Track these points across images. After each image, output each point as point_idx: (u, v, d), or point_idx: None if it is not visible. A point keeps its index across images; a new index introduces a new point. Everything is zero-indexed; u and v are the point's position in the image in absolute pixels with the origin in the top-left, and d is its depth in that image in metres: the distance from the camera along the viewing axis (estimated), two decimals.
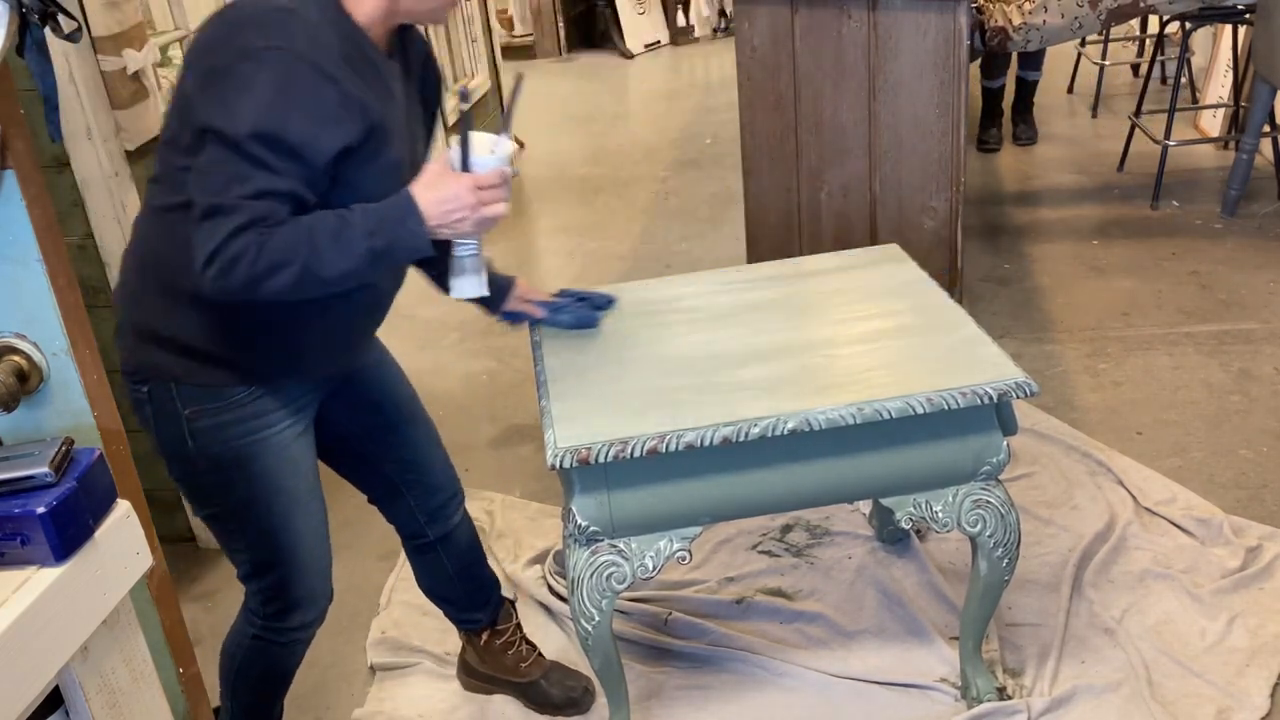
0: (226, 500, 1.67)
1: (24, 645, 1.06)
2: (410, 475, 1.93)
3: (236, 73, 1.38)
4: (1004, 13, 3.73)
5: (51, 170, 2.31)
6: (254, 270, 1.39)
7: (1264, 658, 2.09)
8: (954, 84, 3.02)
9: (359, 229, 1.44)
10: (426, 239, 1.48)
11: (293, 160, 1.40)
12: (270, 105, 1.37)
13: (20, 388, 1.30)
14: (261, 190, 1.39)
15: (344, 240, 1.42)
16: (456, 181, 1.48)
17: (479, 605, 2.12)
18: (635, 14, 7.80)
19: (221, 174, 1.39)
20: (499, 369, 3.44)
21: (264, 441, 1.64)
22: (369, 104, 1.46)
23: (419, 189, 1.48)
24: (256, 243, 1.38)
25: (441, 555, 2.03)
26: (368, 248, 1.44)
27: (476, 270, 1.60)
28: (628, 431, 1.69)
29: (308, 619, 1.81)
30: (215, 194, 1.39)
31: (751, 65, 3.20)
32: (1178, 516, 2.48)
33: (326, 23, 1.45)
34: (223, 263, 1.38)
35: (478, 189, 1.48)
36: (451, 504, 2.01)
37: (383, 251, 1.45)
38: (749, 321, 2.00)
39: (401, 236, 1.46)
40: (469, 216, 1.48)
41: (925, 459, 1.80)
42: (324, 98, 1.41)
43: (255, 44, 1.39)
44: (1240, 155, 4.00)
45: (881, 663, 2.17)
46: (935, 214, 3.18)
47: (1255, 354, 3.14)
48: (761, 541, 2.56)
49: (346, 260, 1.43)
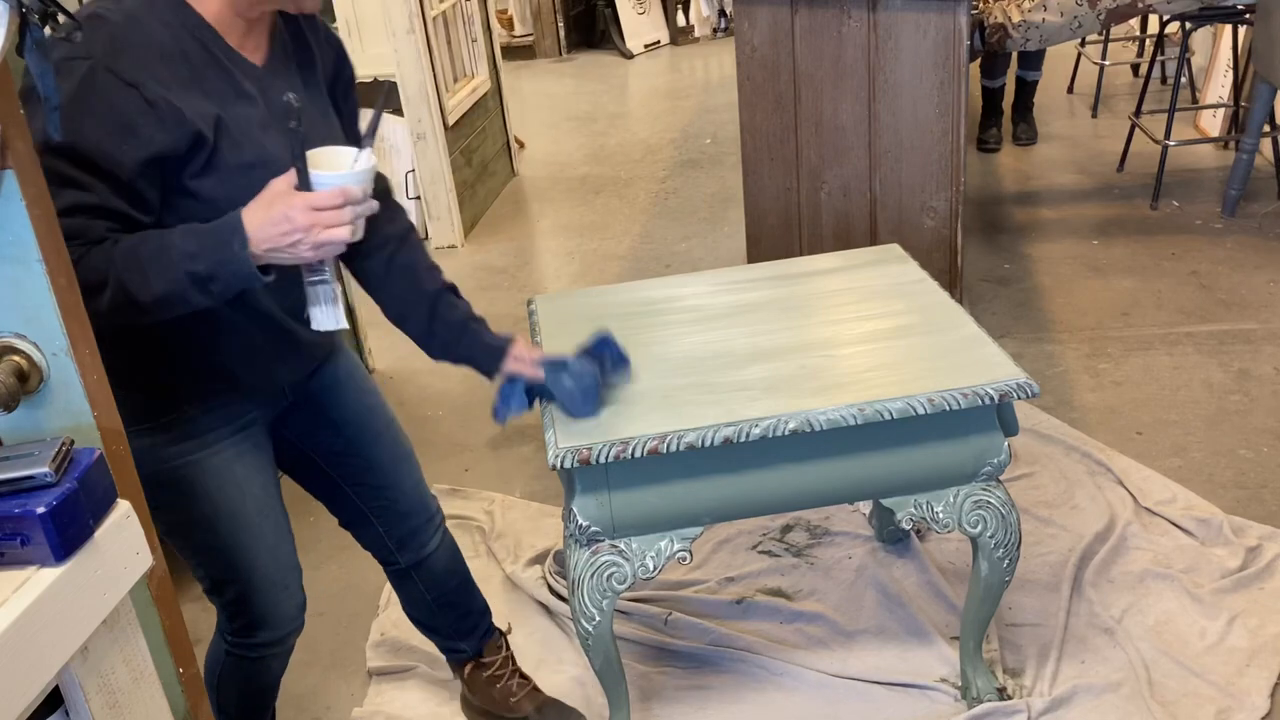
0: (171, 521, 1.61)
1: (24, 645, 1.05)
2: (376, 500, 1.86)
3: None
4: (1003, 11, 3.73)
5: None
6: None
7: (1264, 658, 2.09)
8: (954, 84, 3.02)
9: (179, 251, 1.34)
10: (251, 264, 1.35)
11: (96, 173, 1.32)
12: (70, 118, 1.29)
13: (20, 388, 1.30)
14: (69, 206, 1.31)
15: (162, 262, 1.33)
16: (288, 201, 1.34)
17: (463, 634, 2.06)
18: (635, 14, 7.80)
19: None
20: None
21: (199, 463, 1.59)
22: (187, 106, 1.37)
23: (249, 209, 1.36)
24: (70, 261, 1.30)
25: (417, 583, 1.97)
26: (187, 271, 1.34)
27: (330, 300, 1.46)
28: (628, 432, 1.69)
29: (274, 636, 1.75)
30: None
31: (751, 65, 3.20)
32: (1178, 516, 2.48)
33: (153, 19, 1.37)
34: None
35: (314, 209, 1.34)
36: (425, 530, 1.93)
37: (205, 276, 1.34)
38: (749, 321, 2.00)
39: (226, 261, 1.35)
40: (303, 239, 1.35)
41: (926, 460, 1.80)
42: (120, 106, 1.33)
43: (59, 55, 1.31)
44: (1240, 155, 4.00)
45: (881, 663, 2.17)
46: (935, 214, 3.18)
47: (1255, 354, 3.14)
48: (761, 541, 2.56)
49: (163, 283, 1.34)
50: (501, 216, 4.90)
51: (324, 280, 1.45)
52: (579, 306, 2.15)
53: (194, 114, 1.38)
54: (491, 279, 4.22)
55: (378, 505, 1.87)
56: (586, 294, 2.28)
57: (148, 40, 1.37)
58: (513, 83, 5.43)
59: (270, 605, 1.72)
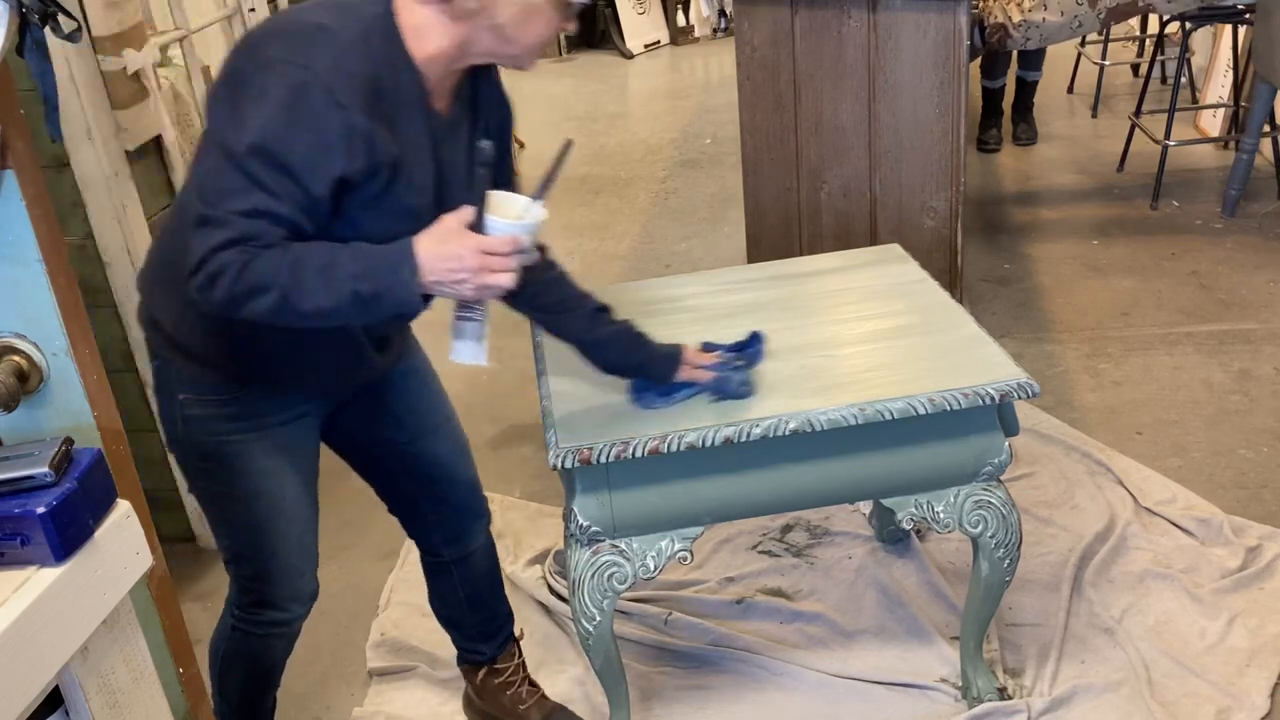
0: (209, 489, 1.67)
1: (24, 645, 1.05)
2: (430, 492, 1.88)
3: (252, 82, 1.35)
4: (1004, 10, 3.73)
5: (51, 170, 2.30)
6: (233, 290, 1.35)
7: (1264, 658, 2.09)
8: (954, 84, 3.02)
9: (347, 268, 1.37)
10: (416, 293, 1.40)
11: (290, 182, 1.35)
12: (275, 121, 1.33)
13: (20, 388, 1.30)
14: (255, 209, 1.34)
15: (330, 277, 1.36)
16: (462, 240, 1.39)
17: (486, 637, 2.06)
18: (635, 14, 7.80)
19: (218, 184, 1.35)
20: (499, 369, 3.44)
21: (249, 442, 1.62)
22: (379, 141, 1.39)
23: (423, 240, 1.39)
24: (240, 262, 1.34)
25: (455, 578, 1.98)
26: (353, 290, 1.37)
27: (476, 338, 1.49)
28: (629, 431, 1.69)
29: (283, 617, 1.78)
30: (209, 204, 1.35)
31: (751, 65, 3.19)
32: (1178, 516, 2.48)
33: (368, 50, 1.39)
34: (206, 275, 1.35)
35: (484, 253, 1.38)
36: (474, 528, 1.95)
37: (369, 297, 1.38)
38: (749, 321, 2.00)
39: (392, 286, 1.38)
40: (469, 280, 1.39)
41: (927, 460, 1.80)
42: (329, 124, 1.35)
43: (277, 56, 1.35)
44: (1240, 155, 4.00)
45: (881, 663, 2.17)
46: (935, 214, 3.18)
47: (1255, 354, 3.14)
48: (761, 541, 2.56)
49: (328, 298, 1.37)
50: None
51: (476, 318, 1.48)
52: None
53: (383, 148, 1.40)
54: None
55: (431, 497, 1.89)
56: None
57: (362, 67, 1.38)
58: (513, 82, 5.39)
59: (285, 588, 1.75)
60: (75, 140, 2.29)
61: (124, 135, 2.36)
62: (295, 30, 1.38)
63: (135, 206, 2.41)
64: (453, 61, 1.46)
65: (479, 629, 2.06)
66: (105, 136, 2.31)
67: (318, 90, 1.33)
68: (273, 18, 1.45)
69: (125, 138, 2.37)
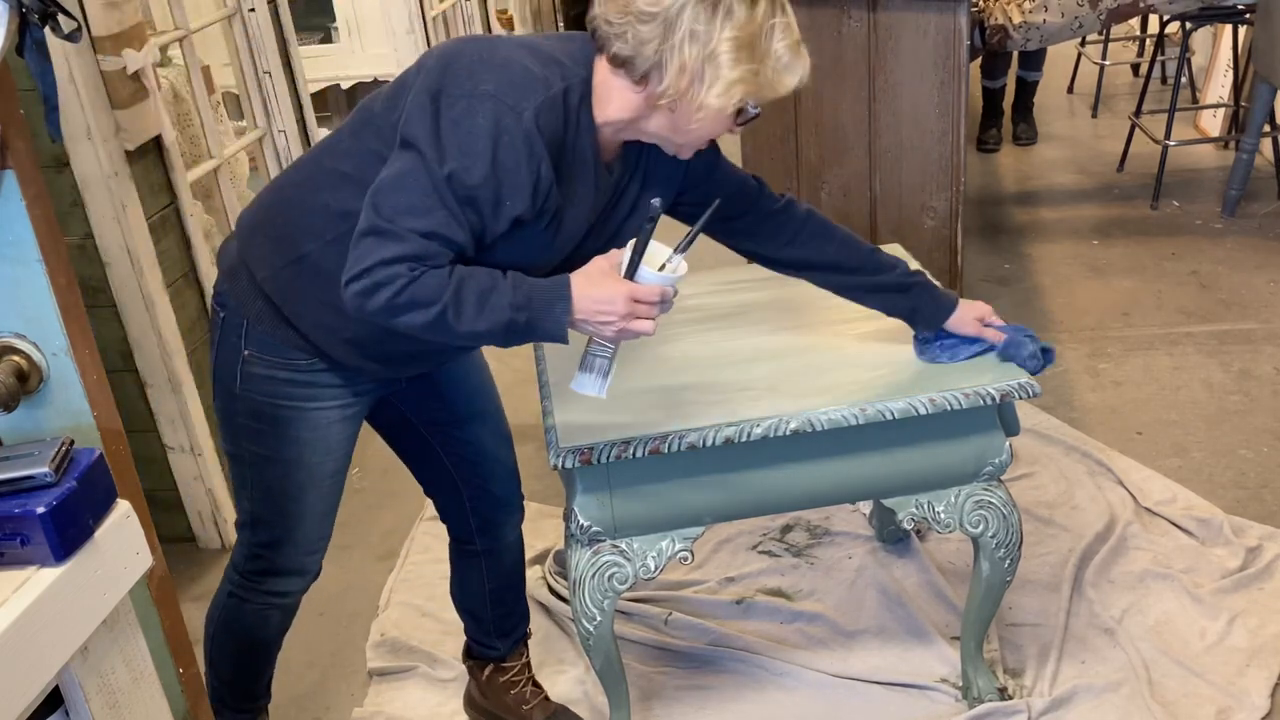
0: (251, 448, 1.68)
1: (24, 645, 1.05)
2: (471, 477, 1.89)
3: (458, 105, 1.38)
4: (1004, 11, 3.73)
5: (51, 170, 2.30)
6: (395, 301, 1.38)
7: (1264, 658, 2.09)
8: (954, 84, 3.02)
9: (507, 297, 1.41)
10: (565, 329, 1.44)
11: (475, 214, 1.40)
12: (478, 156, 1.37)
13: (20, 388, 1.30)
14: (435, 231, 1.38)
15: (489, 304, 1.41)
16: (616, 286, 1.42)
17: (502, 634, 2.07)
18: None
19: (403, 198, 1.38)
20: (499, 369, 3.42)
21: (305, 412, 1.64)
22: (555, 192, 1.44)
23: (578, 281, 1.44)
24: (407, 277, 1.37)
25: (483, 569, 1.99)
26: (509, 319, 1.41)
27: (604, 373, 1.53)
28: (630, 431, 1.68)
29: (284, 588, 1.80)
30: (387, 216, 1.38)
31: None
32: (1178, 516, 2.48)
33: (565, 109, 1.43)
34: (368, 284, 1.38)
35: (634, 300, 1.42)
36: (509, 520, 1.97)
37: (523, 327, 1.43)
38: (750, 321, 2.00)
39: (544, 319, 1.43)
40: (615, 323, 1.43)
41: (927, 460, 1.80)
42: (525, 169, 1.39)
43: (490, 91, 1.38)
44: (1240, 155, 4.00)
45: (881, 663, 2.17)
46: (935, 214, 3.18)
47: (1255, 354, 3.14)
48: (761, 541, 2.56)
49: (484, 323, 1.41)
50: None
51: (607, 355, 1.52)
52: None
53: (554, 199, 1.45)
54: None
55: (473, 481, 1.90)
56: None
57: (557, 123, 1.43)
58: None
59: (294, 561, 1.77)
60: (75, 140, 2.29)
61: (124, 135, 2.36)
62: (508, 69, 1.41)
63: (135, 206, 2.41)
64: (622, 130, 1.51)
65: (496, 624, 2.06)
66: (105, 136, 2.31)
67: (521, 137, 1.38)
68: (477, 43, 1.48)
69: (125, 137, 2.37)
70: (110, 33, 2.29)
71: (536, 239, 1.49)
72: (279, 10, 3.06)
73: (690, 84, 1.41)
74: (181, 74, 2.89)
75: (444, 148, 1.37)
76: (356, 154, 1.50)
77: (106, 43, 2.28)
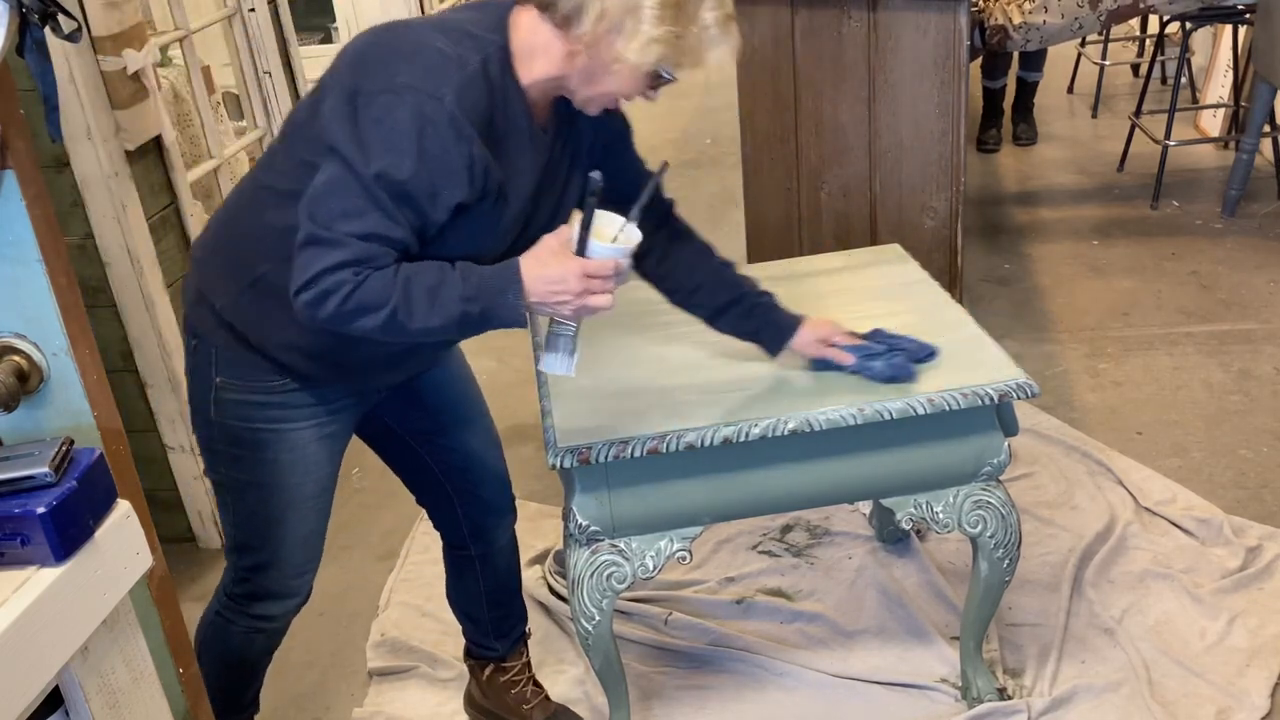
0: (231, 474, 1.67)
1: (24, 645, 1.05)
2: (461, 484, 1.89)
3: (378, 104, 1.36)
4: (1004, 12, 3.72)
5: (51, 170, 2.31)
6: (343, 308, 1.37)
7: (1264, 658, 2.09)
8: (954, 84, 3.02)
9: (457, 290, 1.40)
10: (523, 314, 1.43)
11: (411, 210, 1.38)
12: (404, 151, 1.35)
13: (20, 388, 1.30)
14: (372, 232, 1.37)
15: (439, 299, 1.40)
16: (566, 264, 1.40)
17: (500, 635, 2.07)
18: None
19: (336, 203, 1.37)
20: (498, 368, 3.44)
21: (282, 434, 1.63)
22: (492, 168, 1.42)
23: (528, 263, 1.42)
24: (353, 282, 1.36)
25: (477, 572, 1.99)
26: (462, 311, 1.40)
27: (569, 351, 1.52)
28: (628, 431, 1.69)
29: (271, 612, 1.78)
30: (323, 224, 1.37)
31: (751, 65, 3.19)
32: (1178, 516, 2.48)
33: (487, 81, 1.41)
34: (315, 293, 1.37)
35: (587, 276, 1.40)
36: (501, 524, 1.97)
37: (477, 318, 1.42)
38: None
39: (498, 307, 1.42)
40: (571, 301, 1.41)
41: (926, 460, 1.80)
42: (454, 154, 1.37)
43: (406, 81, 1.36)
44: (1240, 155, 4.00)
45: (881, 663, 2.17)
46: (935, 214, 3.18)
47: (1255, 354, 3.14)
48: (761, 541, 2.56)
49: (437, 318, 1.40)
50: None
51: (569, 332, 1.50)
52: None
53: (494, 175, 1.43)
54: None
55: (463, 488, 1.89)
56: None
57: (482, 99, 1.40)
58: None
59: (280, 586, 1.75)
60: (75, 140, 2.29)
61: (124, 135, 2.36)
62: (420, 55, 1.38)
63: (135, 206, 2.41)
64: (549, 88, 1.48)
65: (494, 626, 2.06)
66: (105, 136, 2.31)
67: (445, 123, 1.36)
68: (386, 32, 1.45)
69: (125, 137, 2.37)
70: (110, 33, 2.29)
71: (484, 220, 1.47)
72: (279, 10, 3.06)
73: (609, 32, 1.38)
74: (181, 74, 2.89)
75: (368, 148, 1.35)
76: (290, 168, 1.48)
77: (107, 43, 2.29)
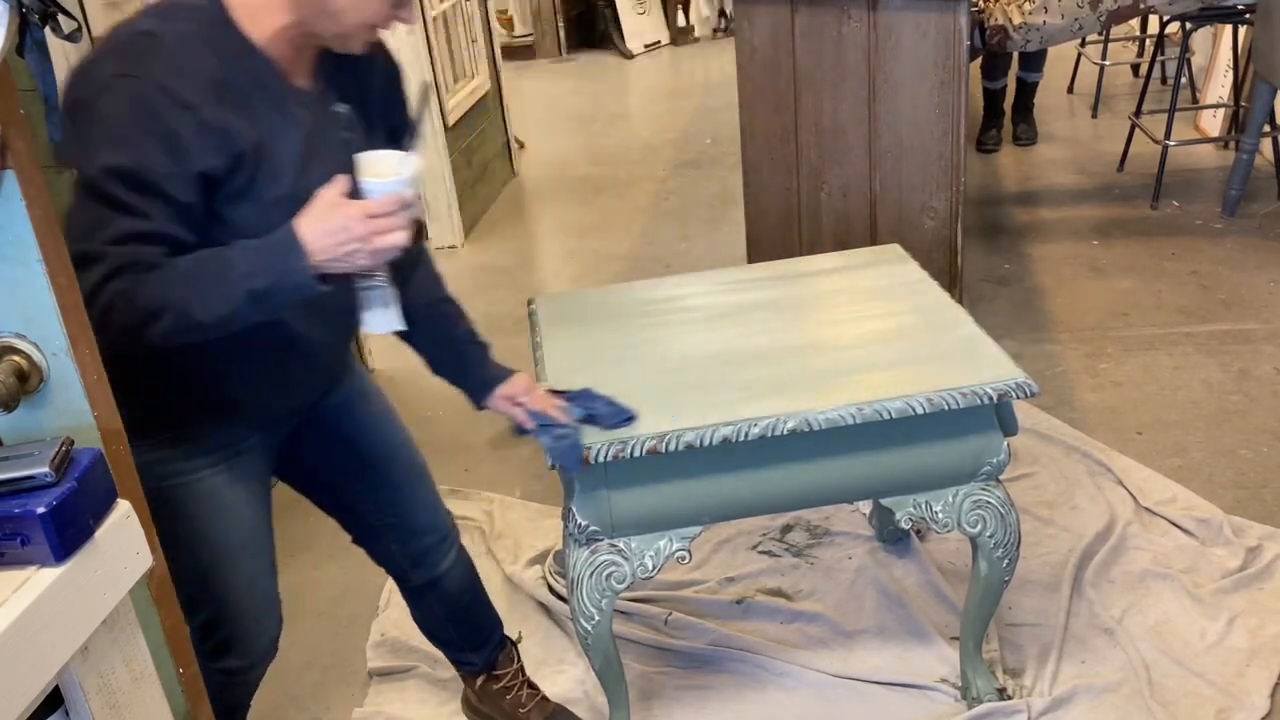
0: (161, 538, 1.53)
1: (24, 645, 1.05)
2: (389, 518, 1.83)
3: (91, 106, 1.31)
4: (1004, 12, 3.73)
5: (51, 170, 2.30)
6: (127, 320, 1.31)
7: (1264, 658, 2.09)
8: (954, 84, 3.02)
9: (238, 270, 1.33)
10: (311, 276, 1.34)
11: (155, 197, 1.31)
12: (122, 139, 1.29)
13: (20, 388, 1.30)
14: (125, 234, 1.30)
15: (220, 283, 1.33)
16: (344, 211, 1.34)
17: (474, 647, 2.04)
18: (635, 14, 7.80)
19: (84, 217, 1.31)
20: None
21: (189, 486, 1.55)
22: (235, 131, 1.35)
23: (304, 221, 1.34)
24: (126, 292, 1.30)
25: (431, 600, 1.95)
26: (247, 290, 1.33)
27: (384, 304, 1.46)
28: (627, 431, 1.69)
29: (240, 665, 1.69)
30: (80, 240, 1.29)
31: (751, 65, 3.20)
32: (1178, 516, 2.48)
33: (204, 43, 1.35)
34: (97, 314, 1.27)
35: (369, 217, 1.33)
36: (439, 549, 1.90)
37: (265, 292, 1.34)
38: (749, 321, 2.00)
39: (284, 275, 1.34)
40: (361, 248, 1.34)
41: (925, 459, 1.80)
42: (176, 127, 1.31)
43: (111, 73, 1.31)
44: (1240, 155, 4.00)
45: (881, 663, 2.17)
46: (935, 214, 3.18)
47: (1255, 354, 3.14)
48: (761, 541, 2.56)
49: (225, 304, 1.33)
50: (501, 217, 4.90)
51: (379, 284, 1.45)
52: (579, 307, 2.15)
53: (241, 138, 1.36)
54: (492, 279, 4.22)
55: (390, 522, 1.83)
56: (587, 294, 2.28)
57: (201, 62, 1.35)
58: (513, 83, 5.39)
59: (239, 635, 1.67)
60: None
61: None
62: (123, 44, 1.35)
63: None
64: (296, 39, 1.43)
65: (464, 641, 2.04)
66: None
67: (158, 96, 1.30)
68: (101, 39, 1.40)
69: None
70: None
71: (256, 188, 1.40)
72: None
73: None
74: None
75: (92, 150, 1.30)
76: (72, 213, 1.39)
77: None
